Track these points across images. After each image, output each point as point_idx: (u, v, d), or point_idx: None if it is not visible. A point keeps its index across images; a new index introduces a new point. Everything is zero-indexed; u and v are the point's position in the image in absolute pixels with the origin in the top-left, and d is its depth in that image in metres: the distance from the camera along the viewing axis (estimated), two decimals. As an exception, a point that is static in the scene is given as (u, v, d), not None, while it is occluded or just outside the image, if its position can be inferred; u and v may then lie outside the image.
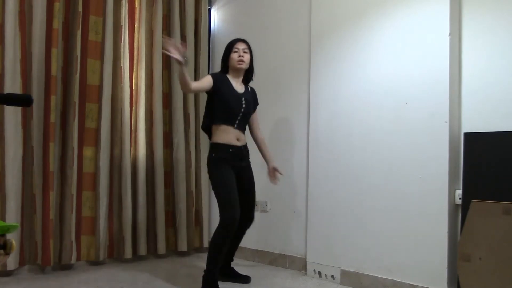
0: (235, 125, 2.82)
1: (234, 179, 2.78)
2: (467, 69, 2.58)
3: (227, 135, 2.79)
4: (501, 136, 2.37)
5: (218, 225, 2.71)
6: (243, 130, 2.90)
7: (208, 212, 3.95)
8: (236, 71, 2.87)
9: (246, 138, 2.94)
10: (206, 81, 2.78)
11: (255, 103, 3.03)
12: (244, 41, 2.90)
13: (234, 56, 2.83)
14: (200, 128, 2.99)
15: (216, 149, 2.79)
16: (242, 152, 2.85)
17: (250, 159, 2.96)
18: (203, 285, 2.72)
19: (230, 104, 2.79)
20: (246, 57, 2.86)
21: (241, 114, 2.84)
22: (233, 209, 2.69)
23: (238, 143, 2.82)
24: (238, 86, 2.88)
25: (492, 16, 2.50)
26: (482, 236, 2.28)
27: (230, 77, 2.88)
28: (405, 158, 2.69)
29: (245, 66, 2.86)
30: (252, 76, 2.98)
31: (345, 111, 3.03)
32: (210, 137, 2.90)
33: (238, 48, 2.84)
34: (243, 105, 2.84)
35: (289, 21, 3.52)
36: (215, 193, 2.78)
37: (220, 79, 2.82)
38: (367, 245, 2.86)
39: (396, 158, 2.74)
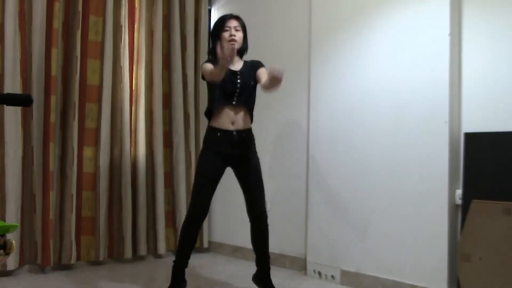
0: (234, 101, 2.56)
1: (217, 168, 2.59)
2: (467, 69, 2.58)
3: (221, 118, 2.56)
4: (501, 136, 2.37)
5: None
6: (245, 107, 2.60)
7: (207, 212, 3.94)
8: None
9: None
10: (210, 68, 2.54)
11: (256, 68, 2.66)
12: (236, 18, 2.62)
13: (225, 35, 2.56)
14: (204, 114, 2.76)
15: (207, 132, 2.63)
16: (233, 138, 2.55)
17: (255, 149, 2.69)
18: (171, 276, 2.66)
19: (224, 81, 2.50)
20: (239, 36, 2.58)
21: (238, 89, 2.57)
22: (198, 203, 2.56)
23: (231, 127, 2.55)
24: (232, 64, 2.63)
25: (492, 16, 2.50)
26: (482, 236, 2.28)
27: None
28: (405, 158, 2.69)
29: (237, 45, 2.58)
30: (245, 52, 2.72)
31: (345, 111, 3.03)
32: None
33: (229, 26, 2.57)
34: (239, 79, 2.57)
35: (289, 21, 3.52)
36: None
37: (214, 62, 2.55)
38: (367, 245, 2.86)
39: (396, 158, 2.74)
